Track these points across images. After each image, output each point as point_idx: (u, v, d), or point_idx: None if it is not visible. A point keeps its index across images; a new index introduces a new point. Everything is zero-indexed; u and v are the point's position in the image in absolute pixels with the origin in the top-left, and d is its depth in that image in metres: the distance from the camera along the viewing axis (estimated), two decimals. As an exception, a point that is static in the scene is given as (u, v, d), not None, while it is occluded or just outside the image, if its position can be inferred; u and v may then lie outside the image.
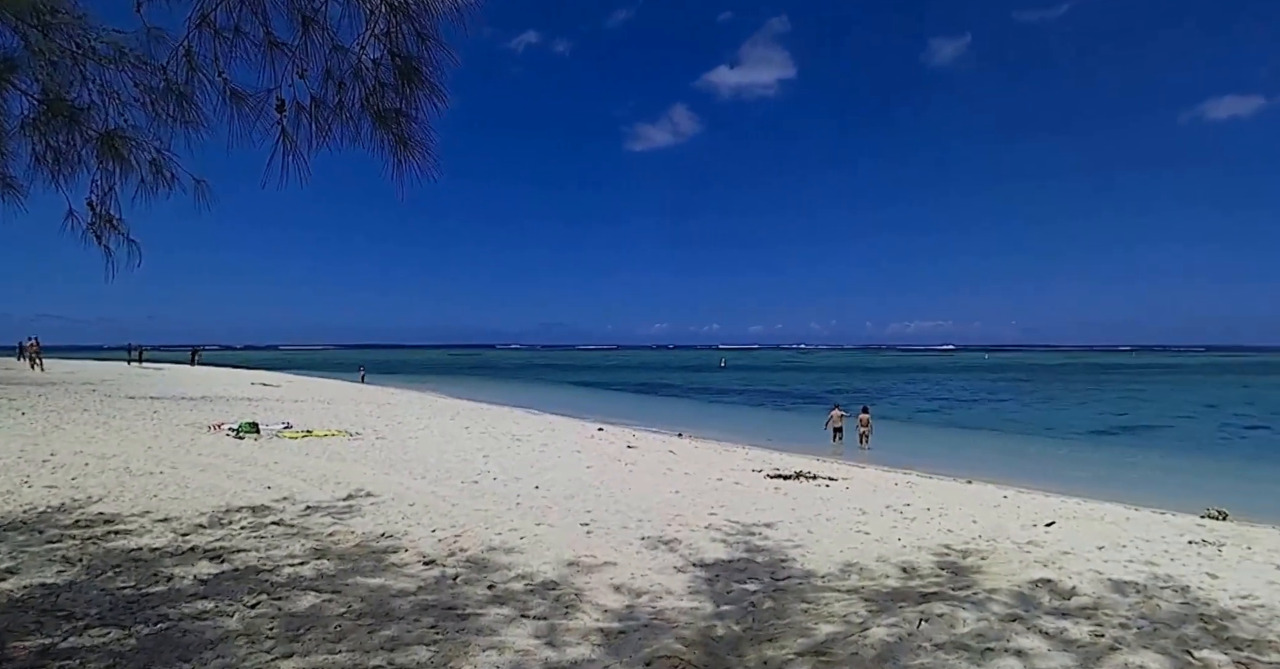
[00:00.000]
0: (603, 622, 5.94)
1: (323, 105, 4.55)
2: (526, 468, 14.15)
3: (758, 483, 13.71)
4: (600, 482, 12.90)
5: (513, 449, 17.02)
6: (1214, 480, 18.92)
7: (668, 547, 8.52)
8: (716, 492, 12.48)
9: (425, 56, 4.40)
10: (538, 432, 21.46)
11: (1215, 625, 6.29)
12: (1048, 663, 5.31)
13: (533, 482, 12.60)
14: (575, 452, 17.12)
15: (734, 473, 14.91)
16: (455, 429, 21.05)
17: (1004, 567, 8.13)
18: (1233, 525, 11.96)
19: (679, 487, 12.79)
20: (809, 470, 15.66)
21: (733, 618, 6.15)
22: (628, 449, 18.20)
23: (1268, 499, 16.08)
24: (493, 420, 25.05)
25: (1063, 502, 13.80)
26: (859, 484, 14.31)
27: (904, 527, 10.23)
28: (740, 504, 11.39)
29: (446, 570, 7.26)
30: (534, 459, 15.47)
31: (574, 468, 14.47)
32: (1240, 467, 21.69)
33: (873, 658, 5.32)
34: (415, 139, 4.58)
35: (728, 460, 17.30)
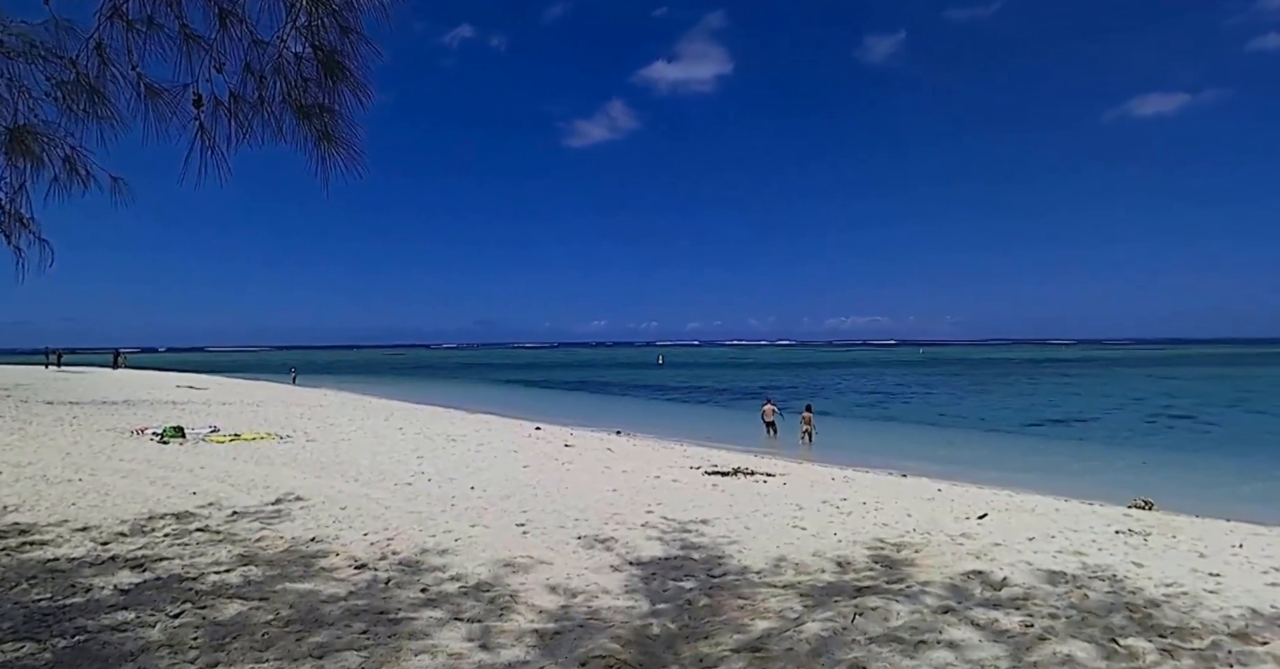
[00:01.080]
0: (537, 623, 5.90)
1: (242, 100, 4.42)
2: (462, 468, 13.99)
3: (695, 480, 13.76)
4: (537, 481, 12.83)
5: (448, 450, 16.83)
6: (1140, 471, 19.53)
7: (604, 545, 8.50)
8: (654, 490, 12.49)
9: (349, 50, 4.30)
10: (473, 431, 21.26)
11: (1141, 613, 6.47)
12: (979, 654, 5.41)
13: (468, 482, 12.47)
14: (512, 451, 17.00)
15: (672, 470, 14.94)
16: (389, 430, 20.74)
17: (937, 559, 8.27)
18: (1158, 515, 12.35)
19: (616, 485, 12.77)
20: (747, 467, 15.77)
21: (668, 616, 6.15)
22: (565, 448, 18.13)
23: (1191, 489, 16.66)
24: (428, 421, 24.75)
25: (995, 494, 14.13)
26: (796, 480, 14.45)
27: (840, 521, 10.35)
28: (677, 502, 11.42)
29: (378, 574, 7.13)
30: (469, 459, 15.32)
31: (510, 468, 14.36)
32: (1165, 457, 22.39)
33: (807, 653, 5.36)
34: (340, 135, 4.47)
35: (666, 458, 17.34)
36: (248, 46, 4.34)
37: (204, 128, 4.36)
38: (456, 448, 17.20)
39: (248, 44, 4.34)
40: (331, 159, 4.49)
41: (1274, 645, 5.73)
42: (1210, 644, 5.73)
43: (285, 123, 4.47)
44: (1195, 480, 18.14)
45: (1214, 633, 6.00)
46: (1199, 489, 16.61)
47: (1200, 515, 12.64)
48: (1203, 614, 6.52)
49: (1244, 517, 12.80)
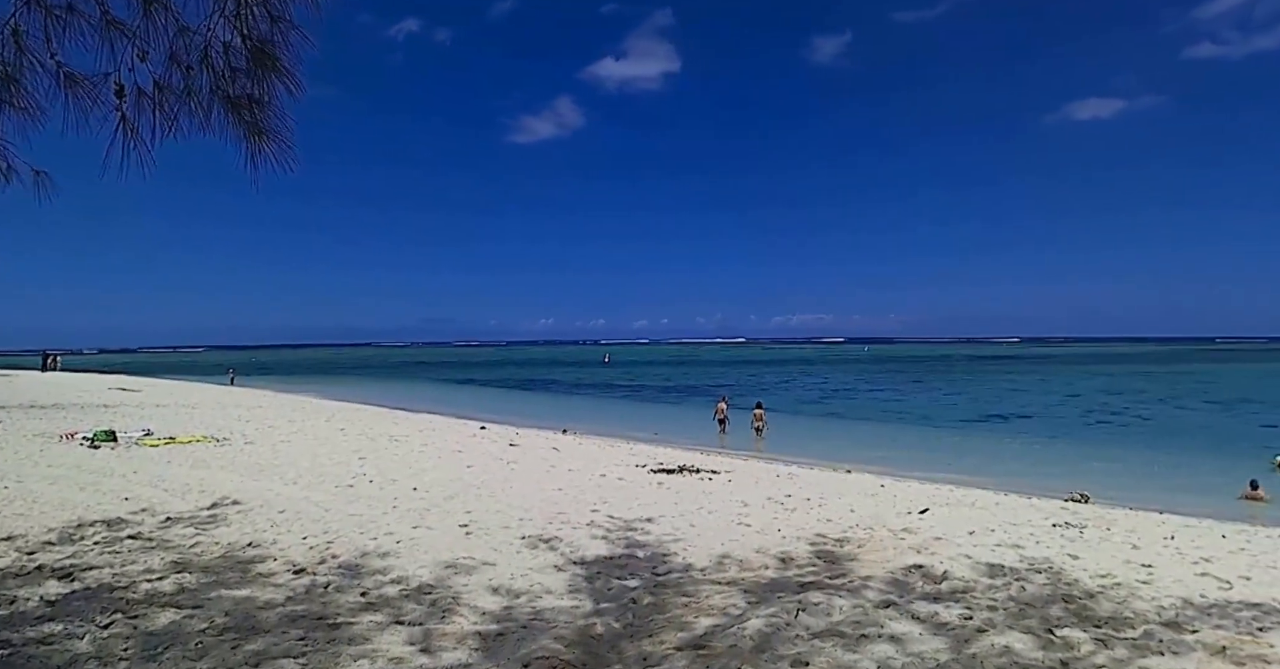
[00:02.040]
0: (480, 625, 5.82)
1: (168, 90, 4.26)
2: (404, 469, 13.79)
3: (641, 478, 13.75)
4: (481, 481, 12.70)
5: (390, 450, 16.59)
6: (1077, 465, 20.01)
7: (548, 545, 8.43)
8: (599, 488, 12.44)
9: (279, 40, 4.18)
10: (417, 432, 21.00)
11: (1077, 604, 6.62)
12: (920, 647, 5.46)
13: (410, 483, 12.29)
14: (456, 451, 16.82)
15: (617, 468, 14.91)
16: (330, 431, 20.39)
17: (879, 554, 8.37)
18: (1094, 508, 12.68)
19: (561, 484, 12.70)
20: (692, 464, 15.80)
21: (612, 615, 6.12)
22: (510, 447, 17.99)
23: (1126, 482, 17.12)
24: (370, 421, 24.39)
25: (937, 489, 14.36)
26: (742, 477, 14.52)
27: (784, 517, 10.42)
28: (622, 500, 11.39)
29: (317, 578, 6.98)
30: (412, 460, 15.11)
31: (454, 468, 14.20)
32: (1101, 451, 22.97)
33: (750, 649, 5.37)
34: (270, 127, 4.33)
35: (612, 456, 17.30)
36: (173, 35, 4.19)
37: (127, 118, 4.19)
38: (399, 449, 16.96)
39: (173, 32, 4.19)
40: (261, 152, 4.35)
41: (1204, 634, 5.89)
42: (1143, 633, 5.87)
43: (213, 114, 4.32)
44: (1129, 474, 18.66)
45: (1147, 622, 6.16)
46: (1133, 483, 17.07)
47: (1134, 508, 13.02)
48: (1136, 604, 6.69)
49: (1176, 509, 13.21)
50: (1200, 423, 31.25)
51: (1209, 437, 26.73)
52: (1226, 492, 15.84)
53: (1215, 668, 5.22)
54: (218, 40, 4.20)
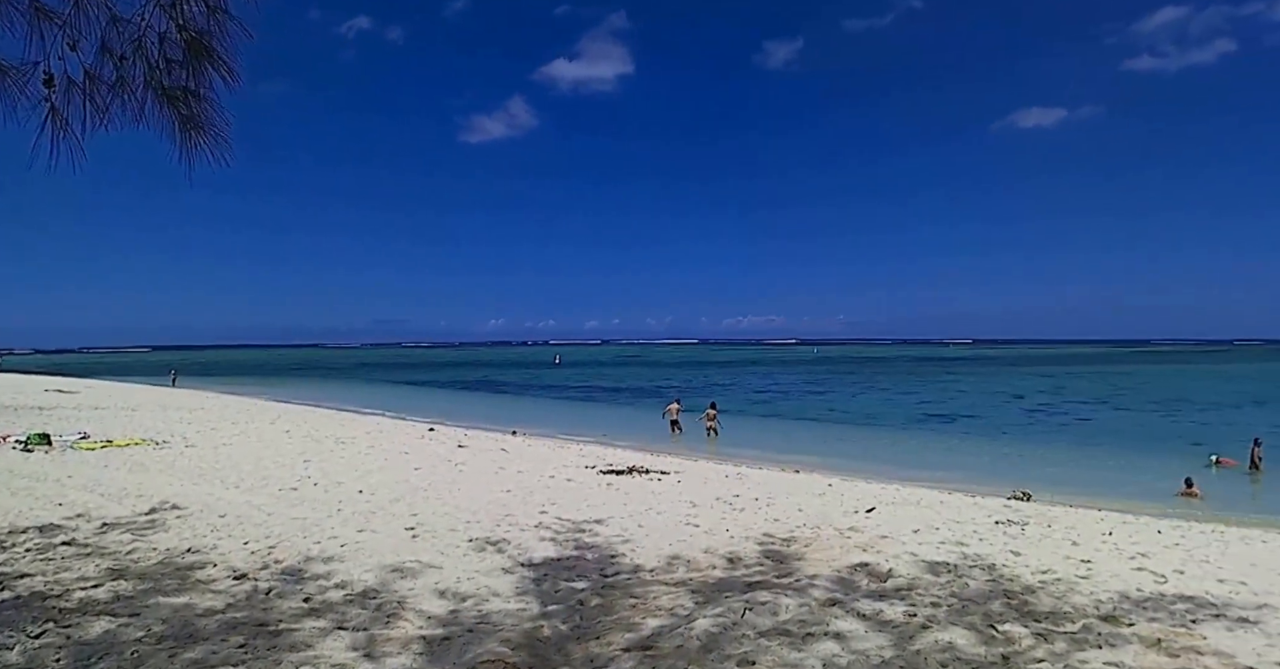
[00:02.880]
0: (425, 629, 5.73)
1: (99, 81, 4.12)
2: (350, 472, 13.59)
3: (590, 479, 13.71)
4: (428, 483, 12.56)
5: (336, 453, 16.33)
6: (1020, 464, 20.44)
7: (496, 547, 8.36)
8: (548, 489, 12.38)
9: (216, 31, 4.06)
10: (364, 434, 20.72)
11: (1018, 600, 6.75)
12: (864, 644, 5.51)
13: (356, 486, 12.11)
14: (403, 453, 16.62)
15: (567, 470, 14.86)
16: (274, 434, 20.02)
17: (826, 553, 8.43)
18: (1035, 506, 12.94)
19: (510, 486, 12.61)
20: (642, 465, 15.80)
21: (559, 617, 6.08)
22: (459, 449, 17.83)
23: (1067, 480, 17.48)
24: (316, 423, 24.02)
25: (883, 488, 14.53)
26: (691, 477, 14.55)
27: (732, 518, 10.46)
28: (571, 501, 11.34)
29: (259, 584, 6.83)
30: (359, 462, 14.89)
31: (401, 470, 14.02)
32: (1043, 450, 23.46)
33: (697, 649, 5.36)
34: (206, 120, 4.21)
35: (561, 458, 17.22)
36: (105, 23, 4.05)
37: (56, 110, 4.04)
38: (346, 451, 16.72)
39: (105, 21, 4.05)
40: (197, 146, 4.22)
41: (1139, 627, 6.03)
42: (1082, 627, 6.00)
43: (147, 106, 4.18)
44: (1071, 472, 19.06)
45: (1085, 617, 6.29)
46: (1074, 481, 17.44)
47: (1074, 505, 13.32)
48: (1075, 599, 6.83)
49: (1114, 506, 13.56)
50: (1138, 422, 32.06)
51: (1147, 436, 27.43)
52: (1163, 489, 16.25)
53: (1150, 660, 5.33)
54: (152, 30, 4.08)
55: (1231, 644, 5.73)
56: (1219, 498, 15.53)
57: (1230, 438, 25.56)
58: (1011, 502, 13.39)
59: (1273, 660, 5.40)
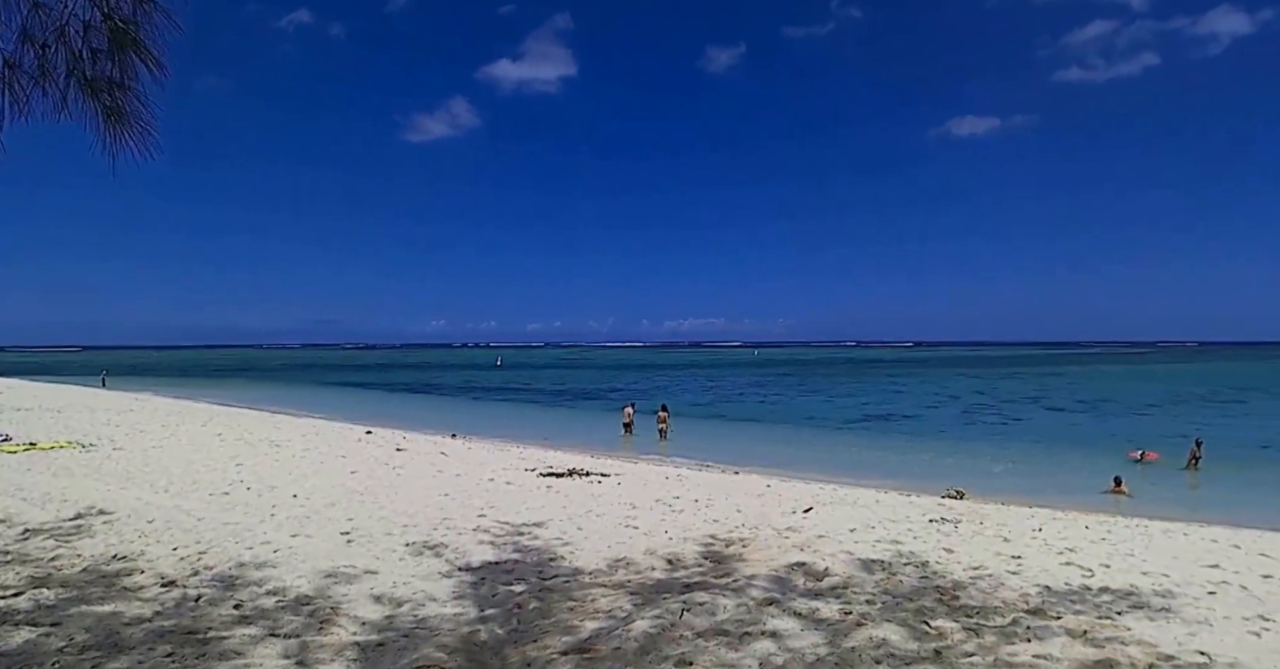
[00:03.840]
0: (360, 635, 5.64)
1: (19, 70, 3.97)
2: (284, 475, 13.32)
3: (530, 482, 13.63)
4: (365, 487, 12.37)
5: (270, 456, 15.99)
6: (954, 463, 20.81)
7: (433, 552, 8.26)
8: (487, 493, 12.28)
9: (143, 21, 3.94)
10: (300, 436, 20.32)
11: (949, 595, 6.89)
12: (799, 642, 5.57)
13: (290, 490, 11.87)
14: (340, 456, 16.34)
15: (506, 472, 14.75)
16: (206, 436, 19.54)
17: (764, 553, 8.50)
18: (968, 504, 13.22)
19: (448, 489, 12.48)
20: (582, 468, 15.76)
21: (497, 621, 6.03)
22: (397, 452, 17.59)
23: (999, 478, 17.93)
24: (250, 425, 23.49)
25: (821, 488, 14.71)
26: (631, 479, 14.56)
27: (672, 519, 10.49)
28: (511, 504, 11.27)
29: (188, 591, 6.64)
30: (293, 466, 14.60)
31: (337, 473, 13.79)
32: (976, 449, 23.97)
33: (635, 651, 5.36)
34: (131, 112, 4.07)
35: (501, 460, 17.10)
36: (26, 10, 3.91)
37: (-27, 99, 3.90)
38: (280, 454, 16.37)
39: (27, 7, 3.91)
40: (121, 138, 4.08)
41: (1066, 620, 6.21)
42: (1011, 621, 6.16)
43: (70, 96, 4.04)
44: (1003, 470, 19.52)
45: (1014, 610, 6.46)
46: (1006, 479, 17.88)
47: (1006, 503, 13.66)
48: (1004, 594, 7.00)
49: (1044, 503, 13.92)
50: (1067, 422, 32.98)
51: (1075, 434, 28.23)
52: (1092, 485, 16.71)
53: (1076, 651, 5.48)
54: (76, 18, 3.95)
55: (1154, 634, 5.93)
56: (1146, 494, 16.01)
57: (1153, 435, 26.52)
58: (945, 500, 13.66)
59: (1192, 648, 5.61)
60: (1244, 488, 17.16)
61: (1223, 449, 21.83)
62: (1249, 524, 12.04)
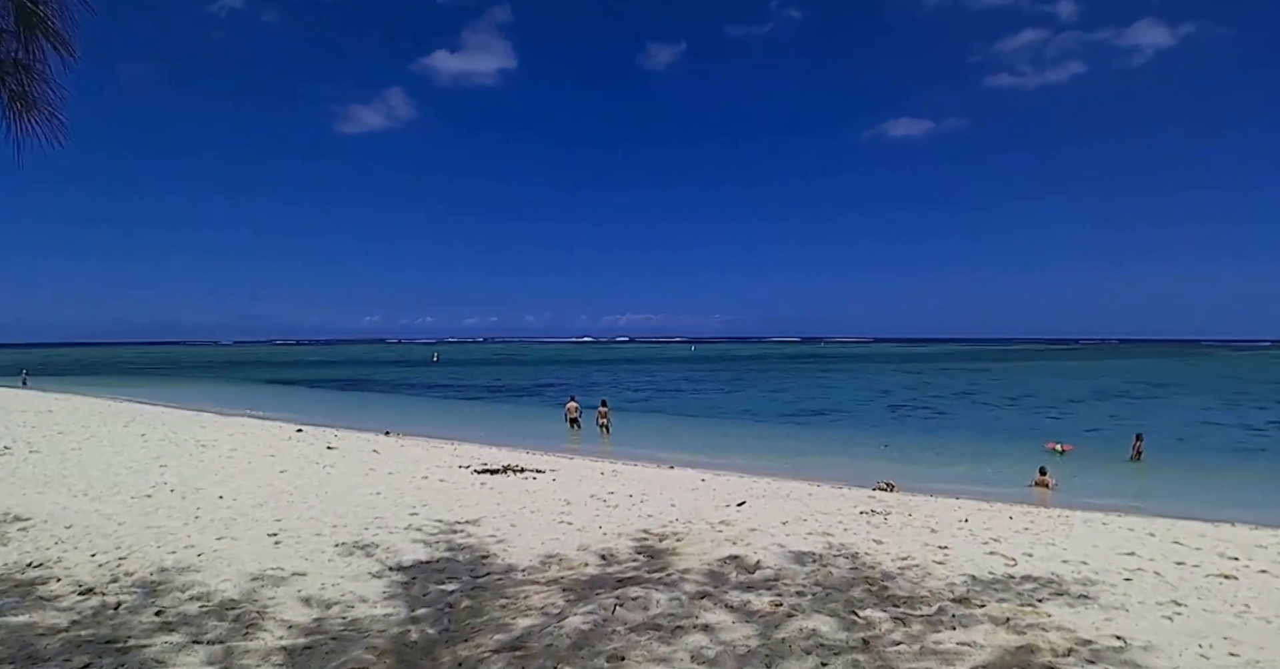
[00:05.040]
0: (287, 639, 5.55)
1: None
2: (210, 477, 13.00)
3: (464, 479, 13.54)
4: (294, 487, 12.15)
5: (196, 456, 15.59)
6: (885, 455, 21.21)
7: (364, 551, 8.16)
8: (420, 491, 12.16)
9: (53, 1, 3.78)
10: (227, 436, 19.82)
11: (878, 586, 7.05)
12: (731, 635, 5.64)
13: (216, 491, 11.60)
14: (268, 456, 16.00)
15: (440, 470, 14.63)
16: (128, 437, 18.94)
17: (697, 547, 8.58)
18: (898, 496, 13.49)
19: (381, 487, 12.33)
20: (517, 464, 15.70)
21: (428, 621, 5.99)
22: (328, 450, 17.29)
23: (928, 471, 18.30)
24: (175, 425, 22.83)
25: (755, 482, 14.87)
26: (566, 475, 14.55)
27: (606, 515, 10.52)
28: (444, 502, 11.18)
29: (107, 599, 6.46)
30: (220, 466, 14.26)
31: (265, 473, 13.51)
32: (906, 443, 24.47)
33: (568, 647, 5.37)
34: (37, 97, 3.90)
35: (435, 458, 16.93)
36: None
37: None
38: (206, 454, 15.97)
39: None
40: (27, 124, 3.90)
41: (990, 608, 6.40)
42: (937, 610, 6.32)
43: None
44: (932, 463, 19.96)
45: (940, 599, 6.63)
46: (935, 471, 18.27)
47: (934, 494, 13.99)
48: (931, 583, 7.19)
49: (971, 494, 14.29)
50: (994, 416, 33.86)
51: (1002, 428, 28.98)
52: (1018, 477, 17.16)
53: (1000, 638, 5.65)
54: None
55: (1073, 619, 6.15)
56: (1069, 485, 16.52)
57: (1074, 428, 27.45)
58: (876, 492, 13.93)
59: (1109, 633, 5.83)
60: (1160, 479, 17.84)
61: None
62: (1164, 513, 12.53)
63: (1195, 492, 15.92)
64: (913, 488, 14.92)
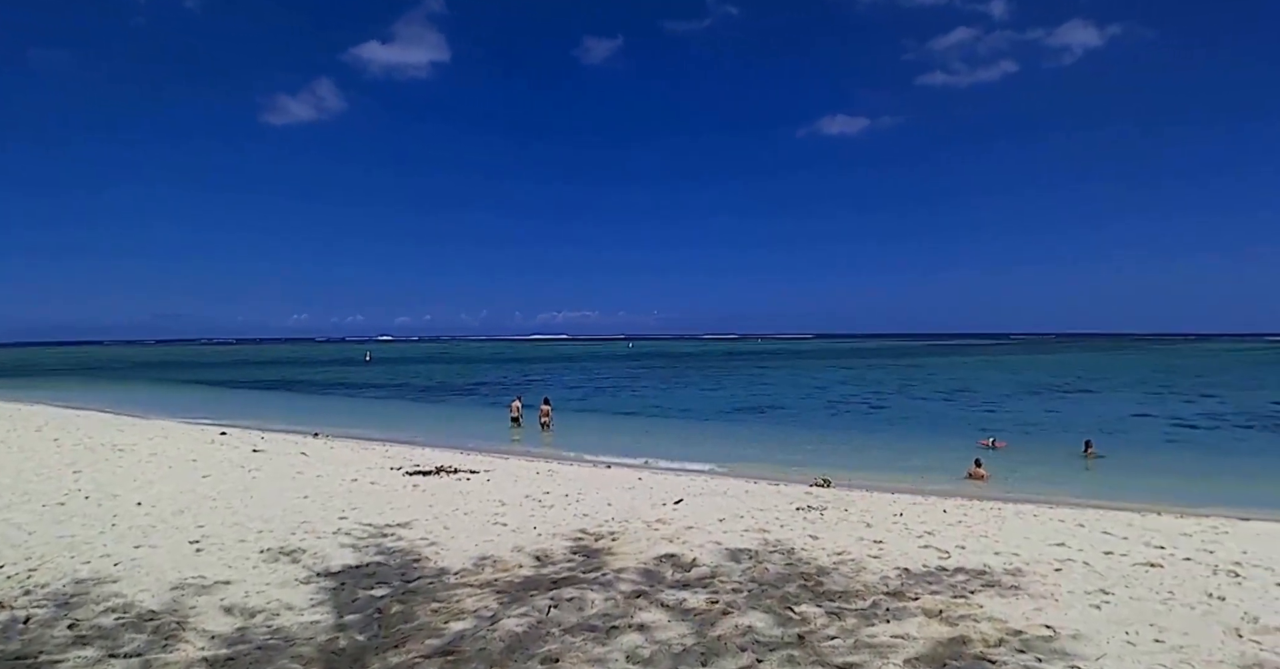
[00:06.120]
0: (209, 650, 5.35)
1: None
2: (128, 483, 12.53)
3: (396, 481, 13.30)
4: (217, 492, 11.77)
5: (113, 462, 15.01)
6: (821, 452, 21.46)
7: (290, 557, 7.94)
8: (350, 493, 11.91)
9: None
10: (146, 440, 19.12)
11: (813, 581, 7.12)
12: (667, 633, 5.62)
13: (134, 498, 11.17)
14: (190, 460, 15.48)
15: (371, 472, 14.35)
16: (39, 442, 18.17)
17: (633, 546, 8.55)
18: (834, 491, 13.65)
19: (308, 491, 12.03)
20: (450, 465, 15.49)
21: (357, 627, 5.83)
22: (254, 454, 16.82)
23: (864, 466, 18.50)
24: (91, 429, 21.97)
25: (692, 480, 14.93)
26: (500, 475, 14.41)
27: (541, 515, 10.43)
28: (374, 505, 10.96)
29: (17, 613, 6.15)
30: (138, 472, 13.74)
31: (187, 479, 13.07)
32: (843, 438, 24.83)
33: (501, 650, 5.28)
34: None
35: (365, 459, 16.61)
36: None
37: None
38: (124, 459, 15.39)
39: None
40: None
41: (923, 600, 6.49)
42: (871, 604, 6.40)
43: None
44: (868, 458, 20.22)
45: (875, 593, 6.72)
46: (871, 466, 18.50)
47: (870, 489, 14.20)
48: (865, 577, 7.28)
49: (907, 488, 14.54)
50: (929, 410, 34.49)
51: (936, 422, 29.55)
52: (952, 470, 17.50)
53: (933, 630, 5.74)
54: None
55: (1004, 610, 6.28)
56: (1002, 478, 16.88)
57: (1009, 422, 28.11)
58: (813, 488, 14.07)
59: (1039, 623, 5.96)
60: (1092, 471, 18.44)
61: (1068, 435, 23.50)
62: (1094, 504, 12.96)
63: (1125, 483, 16.37)
64: (849, 483, 15.10)
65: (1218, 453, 21.57)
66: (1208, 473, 18.02)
